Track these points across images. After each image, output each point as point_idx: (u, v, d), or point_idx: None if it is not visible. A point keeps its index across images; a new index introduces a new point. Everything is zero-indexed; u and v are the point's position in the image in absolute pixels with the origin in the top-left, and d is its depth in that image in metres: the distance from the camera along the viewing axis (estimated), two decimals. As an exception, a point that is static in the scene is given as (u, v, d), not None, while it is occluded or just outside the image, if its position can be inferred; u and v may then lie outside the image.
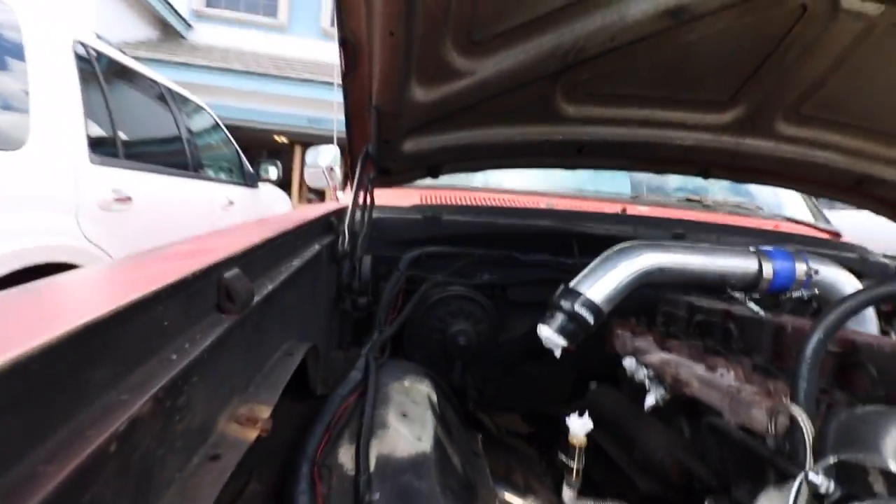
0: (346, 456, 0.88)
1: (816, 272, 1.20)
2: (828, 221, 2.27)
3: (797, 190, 1.66)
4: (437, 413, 1.17)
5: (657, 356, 1.32)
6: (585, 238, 1.71)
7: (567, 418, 1.05)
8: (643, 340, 1.55)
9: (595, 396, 1.64)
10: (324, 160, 2.39)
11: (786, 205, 2.36)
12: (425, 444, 0.96)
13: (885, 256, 1.84)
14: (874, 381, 0.92)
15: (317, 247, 1.06)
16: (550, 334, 1.12)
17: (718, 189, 2.49)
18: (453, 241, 1.77)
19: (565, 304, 1.13)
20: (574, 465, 1.03)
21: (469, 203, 1.96)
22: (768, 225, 1.91)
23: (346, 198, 1.55)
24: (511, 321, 1.81)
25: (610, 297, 1.12)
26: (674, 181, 2.41)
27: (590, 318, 1.10)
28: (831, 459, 0.52)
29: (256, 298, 0.58)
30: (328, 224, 1.24)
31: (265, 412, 0.52)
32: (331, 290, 1.35)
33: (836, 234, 1.97)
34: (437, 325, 1.66)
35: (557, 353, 1.17)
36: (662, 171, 1.62)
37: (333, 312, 1.40)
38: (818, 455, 0.67)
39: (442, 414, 1.20)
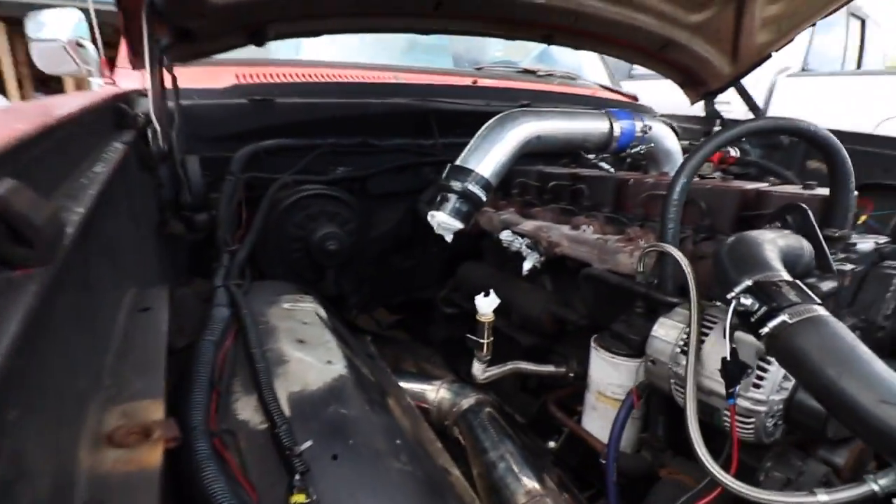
0: (248, 410, 0.70)
1: (650, 128, 1.36)
2: (621, 87, 2.62)
3: (617, 55, 1.81)
4: (332, 328, 1.03)
5: (529, 224, 1.38)
6: (442, 115, 1.59)
7: (476, 299, 1.03)
8: (508, 214, 1.61)
9: (465, 273, 1.69)
10: (60, 29, 1.60)
11: (588, 73, 2.61)
12: (337, 366, 0.83)
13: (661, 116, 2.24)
14: (703, 214, 1.11)
15: (118, 146, 0.70)
16: (445, 219, 1.03)
17: (530, 61, 2.59)
18: (293, 130, 1.45)
19: (456, 184, 1.04)
20: (484, 340, 1.04)
21: (296, 80, 1.59)
22: (589, 92, 2.10)
23: (130, 80, 1.07)
24: (377, 216, 1.67)
25: (498, 170, 1.07)
26: (490, 57, 2.38)
27: (482, 196, 1.04)
28: (748, 281, 0.60)
29: (69, 231, 0.32)
30: (119, 114, 0.82)
31: (157, 410, 0.31)
32: (149, 210, 0.98)
33: (635, 98, 2.30)
34: (297, 233, 1.42)
35: (450, 238, 1.10)
36: (511, 35, 1.55)
37: (158, 239, 1.03)
38: (716, 284, 0.78)
39: (335, 328, 1.07)
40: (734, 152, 1.66)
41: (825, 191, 1.01)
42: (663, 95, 2.35)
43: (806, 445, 0.78)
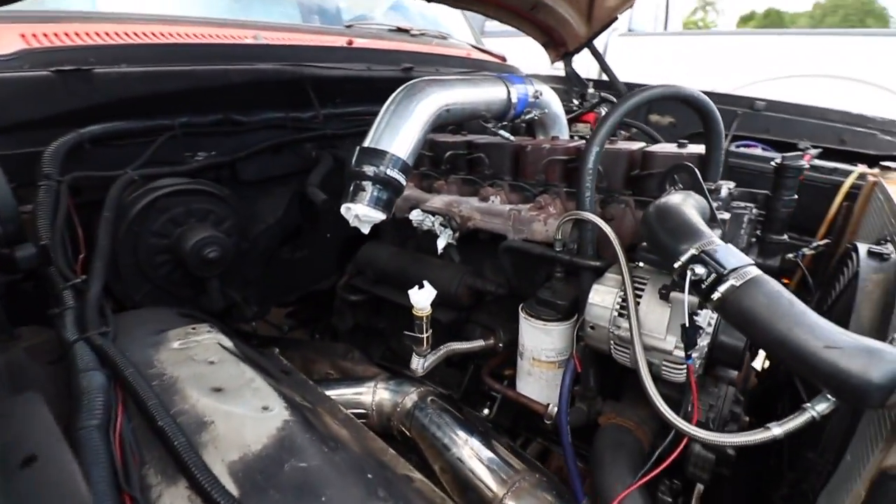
0: (178, 499, 0.54)
1: (541, 93, 1.38)
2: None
3: (491, 15, 1.78)
4: (246, 358, 0.86)
5: (438, 201, 1.33)
6: (320, 82, 1.39)
7: (410, 294, 0.95)
8: (410, 189, 1.52)
9: (367, 256, 1.58)
10: None
11: (453, 32, 2.56)
12: (276, 410, 0.70)
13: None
14: (600, 177, 1.19)
15: None
16: (364, 210, 0.91)
17: (382, 15, 2.42)
18: (127, 110, 1.11)
19: (370, 169, 0.92)
20: (424, 334, 0.98)
21: (123, 41, 1.21)
22: (463, 53, 2.06)
23: None
24: (257, 206, 1.42)
25: (414, 149, 0.98)
26: (334, 4, 2.14)
27: (402, 180, 0.94)
28: (692, 251, 0.64)
29: None
30: None
31: None
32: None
33: (503, 58, 2.33)
34: (161, 244, 1.13)
35: (366, 230, 0.99)
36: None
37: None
38: (649, 251, 0.83)
39: (247, 356, 0.89)
40: (605, 112, 1.80)
41: (698, 148, 1.15)
42: (513, 54, 2.43)
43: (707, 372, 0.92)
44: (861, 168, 1.40)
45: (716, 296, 0.61)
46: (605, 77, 2.17)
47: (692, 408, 0.71)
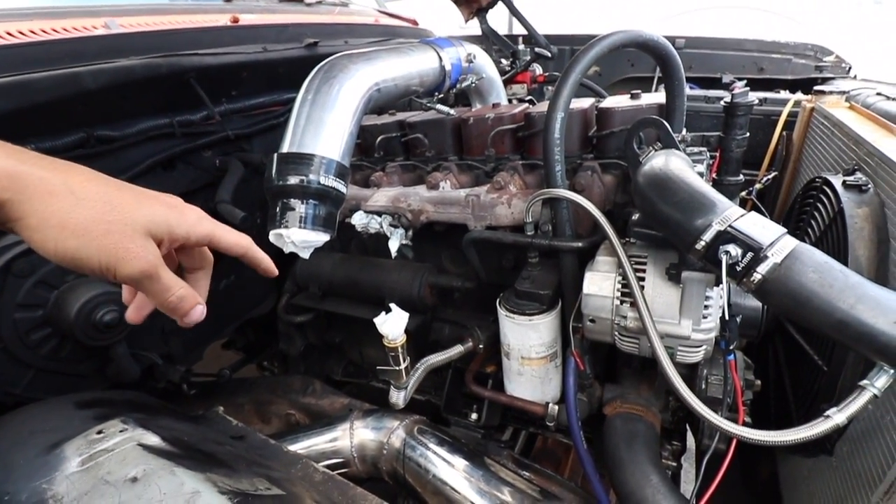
0: None
1: (474, 56, 1.22)
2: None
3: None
4: (182, 451, 0.65)
5: (382, 197, 1.14)
6: (208, 73, 1.12)
7: (376, 323, 0.78)
8: (349, 188, 1.31)
9: (308, 271, 1.37)
10: None
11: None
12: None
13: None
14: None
15: None
16: (302, 235, 0.72)
17: None
18: None
19: (295, 180, 0.72)
20: (401, 366, 0.83)
21: None
22: (371, 20, 1.81)
23: None
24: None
25: (347, 145, 0.79)
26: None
27: (340, 186, 0.76)
28: (716, 227, 0.54)
29: None
30: None
31: None
32: None
33: (415, 22, 2.11)
34: (33, 316, 0.86)
35: (307, 255, 0.80)
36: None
37: None
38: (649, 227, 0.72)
39: (180, 447, 0.69)
40: (540, 70, 1.68)
41: (654, 97, 1.06)
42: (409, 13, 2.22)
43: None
44: (797, 95, 1.40)
45: (755, 278, 0.52)
46: (519, 32, 2.04)
47: (735, 408, 0.63)
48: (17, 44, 0.96)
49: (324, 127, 0.75)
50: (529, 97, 1.61)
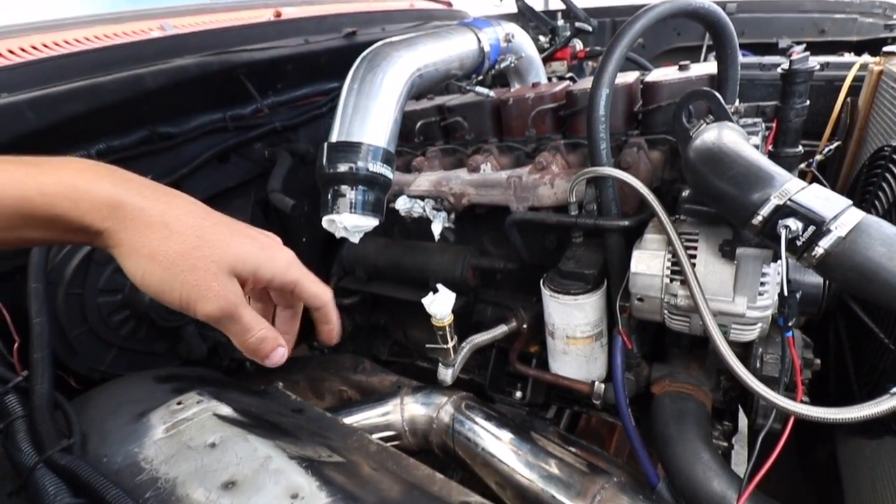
0: None
1: (513, 36, 1.20)
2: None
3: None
4: (252, 421, 0.71)
5: (424, 181, 1.17)
6: (256, 68, 1.17)
7: (425, 303, 0.81)
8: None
9: (354, 255, 1.42)
10: None
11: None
12: (307, 495, 0.56)
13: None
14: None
15: None
16: (353, 220, 0.75)
17: None
18: (17, 149, 0.89)
19: (345, 167, 0.75)
20: (449, 345, 0.86)
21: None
22: (406, 4, 1.82)
23: None
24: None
25: (393, 132, 0.81)
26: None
27: (388, 172, 0.78)
28: (775, 200, 0.52)
29: None
30: None
31: None
32: None
33: (449, 3, 2.09)
34: (113, 302, 0.95)
35: (357, 239, 0.83)
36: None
37: None
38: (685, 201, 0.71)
39: (250, 417, 0.75)
40: (580, 45, 1.64)
41: (704, 68, 1.02)
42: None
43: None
44: (863, 58, 1.30)
45: (817, 252, 0.50)
46: (557, 6, 1.98)
47: (793, 383, 0.62)
48: (84, 50, 1.03)
49: (370, 115, 0.77)
50: (570, 74, 1.58)
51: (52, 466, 0.56)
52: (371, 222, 0.78)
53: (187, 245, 0.42)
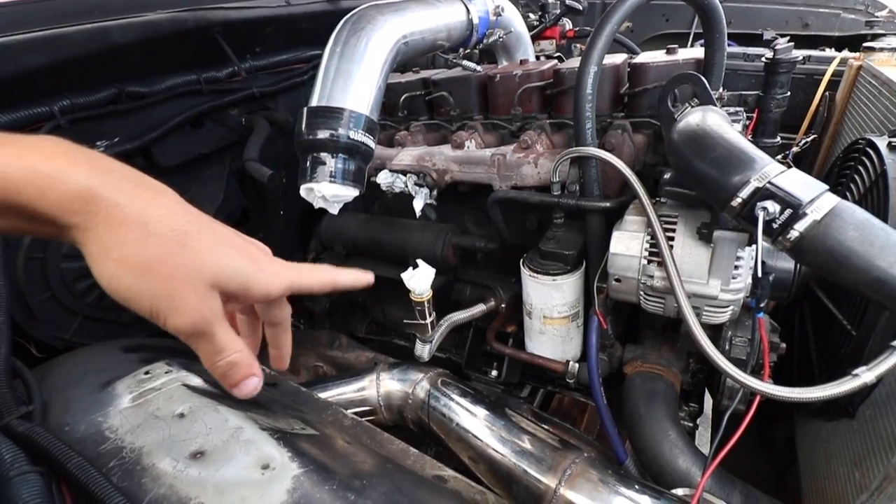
0: None
1: (503, 9, 1.17)
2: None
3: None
4: (222, 392, 0.70)
5: (407, 156, 1.14)
6: (232, 28, 1.11)
7: (404, 278, 0.80)
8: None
9: (332, 230, 1.40)
10: None
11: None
12: (278, 465, 0.56)
13: None
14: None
15: None
16: (332, 189, 0.73)
17: None
18: None
19: (325, 134, 0.72)
20: (427, 320, 0.85)
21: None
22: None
23: None
24: (191, 196, 1.18)
25: (376, 100, 0.78)
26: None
27: (369, 141, 0.76)
28: (755, 183, 0.52)
29: None
30: None
31: None
32: None
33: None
34: (77, 266, 0.90)
35: (336, 210, 0.81)
36: None
37: None
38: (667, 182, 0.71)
39: (220, 388, 0.73)
40: (569, 25, 1.61)
41: (692, 52, 1.02)
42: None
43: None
44: (843, 53, 1.32)
45: (792, 235, 0.51)
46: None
47: (761, 365, 0.63)
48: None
49: (352, 80, 0.74)
50: (558, 54, 1.56)
51: (9, 434, 0.54)
52: (351, 192, 0.75)
53: (165, 251, 0.37)
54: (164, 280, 0.37)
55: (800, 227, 0.50)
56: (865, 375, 0.51)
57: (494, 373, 1.24)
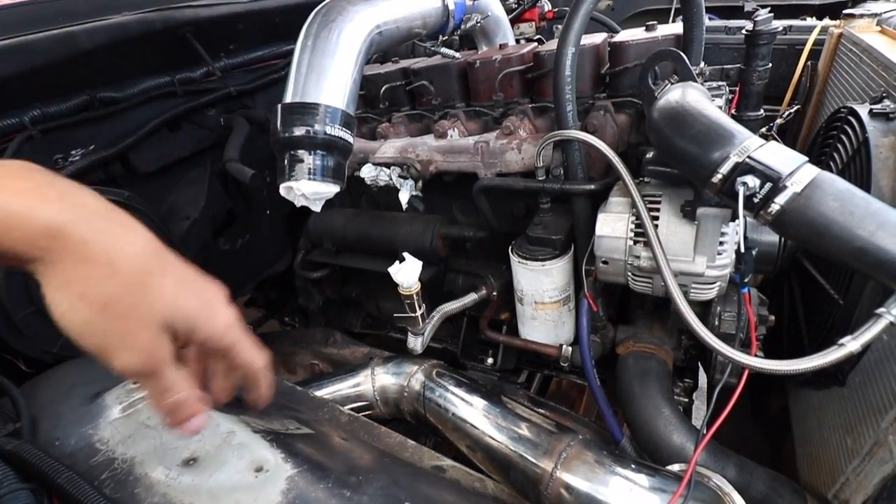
0: None
1: (478, -7, 1.15)
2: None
3: None
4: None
5: (390, 148, 1.13)
6: (203, 27, 1.09)
7: (391, 272, 0.80)
8: (355, 142, 1.29)
9: (320, 227, 1.38)
10: None
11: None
12: (271, 467, 0.56)
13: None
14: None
15: None
16: (312, 187, 0.72)
17: None
18: None
19: (301, 131, 0.71)
20: (417, 313, 0.85)
21: None
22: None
23: None
24: (171, 201, 1.17)
25: (352, 93, 0.77)
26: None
27: (347, 136, 0.75)
28: (734, 158, 0.52)
29: None
30: None
31: None
32: None
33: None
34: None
35: (318, 208, 0.80)
36: None
37: None
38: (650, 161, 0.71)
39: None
40: (548, 6, 1.59)
41: (671, 28, 1.01)
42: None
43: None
44: (824, 21, 1.31)
45: (773, 209, 0.51)
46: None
47: (749, 340, 0.64)
48: (9, 3, 0.93)
49: (326, 75, 0.73)
50: (538, 36, 1.54)
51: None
52: (331, 189, 0.74)
53: (126, 290, 0.37)
54: (120, 318, 0.37)
55: (780, 200, 0.50)
56: (851, 345, 0.52)
57: (490, 360, 1.24)
